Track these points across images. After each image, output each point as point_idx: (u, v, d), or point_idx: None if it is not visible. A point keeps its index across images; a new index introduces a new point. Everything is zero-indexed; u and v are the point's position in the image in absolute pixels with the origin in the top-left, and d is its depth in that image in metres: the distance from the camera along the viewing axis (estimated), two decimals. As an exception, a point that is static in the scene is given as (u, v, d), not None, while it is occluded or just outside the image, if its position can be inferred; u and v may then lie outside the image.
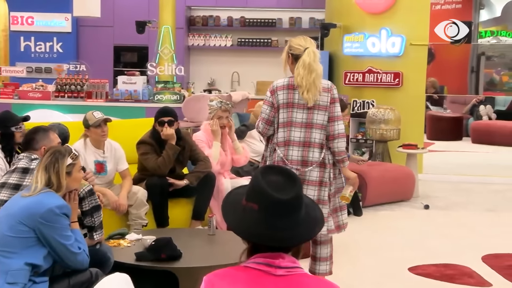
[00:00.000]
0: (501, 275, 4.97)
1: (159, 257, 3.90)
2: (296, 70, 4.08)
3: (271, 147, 4.23)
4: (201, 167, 5.55)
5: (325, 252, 4.40)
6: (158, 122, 5.48)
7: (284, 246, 1.85)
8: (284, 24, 12.83)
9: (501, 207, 7.36)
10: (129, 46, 12.79)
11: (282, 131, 4.16)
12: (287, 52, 4.18)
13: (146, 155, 5.41)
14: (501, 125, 12.80)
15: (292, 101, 4.12)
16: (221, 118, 5.88)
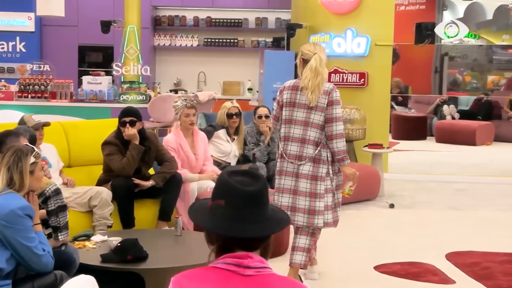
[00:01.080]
0: (464, 272, 5.05)
1: (125, 259, 3.87)
2: (304, 73, 4.45)
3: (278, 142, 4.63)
4: (167, 167, 5.53)
5: (302, 242, 4.55)
6: (120, 122, 5.44)
7: (251, 237, 1.86)
8: (250, 24, 12.84)
9: (464, 206, 7.47)
10: (94, 46, 12.65)
11: (284, 127, 4.55)
12: (300, 57, 4.55)
13: (111, 156, 5.37)
14: (464, 124, 13.01)
15: (294, 100, 4.50)
16: (188, 115, 5.89)
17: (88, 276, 3.05)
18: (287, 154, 4.51)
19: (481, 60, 13.98)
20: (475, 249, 5.67)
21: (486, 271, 5.08)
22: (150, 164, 5.62)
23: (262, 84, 9.55)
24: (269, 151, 6.77)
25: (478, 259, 5.37)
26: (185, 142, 5.94)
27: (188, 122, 5.93)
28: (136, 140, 5.39)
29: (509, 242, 5.92)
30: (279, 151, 4.60)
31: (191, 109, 5.90)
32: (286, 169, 4.54)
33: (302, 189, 4.49)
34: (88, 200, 5.10)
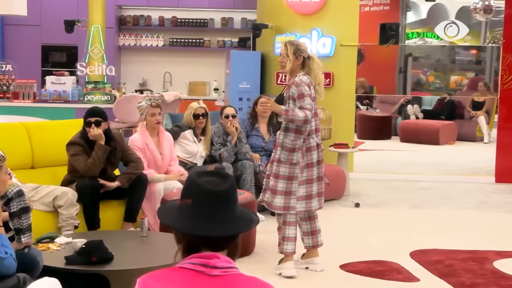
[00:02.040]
0: (428, 270, 5.12)
1: (90, 260, 3.84)
2: (313, 71, 4.88)
3: (304, 135, 4.82)
4: (132, 168, 5.50)
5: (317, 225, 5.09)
6: (85, 122, 5.39)
7: (216, 239, 1.86)
8: (216, 24, 12.82)
9: (427, 204, 7.57)
10: (58, 45, 12.49)
11: (313, 120, 4.88)
12: (296, 54, 4.84)
13: (76, 156, 5.32)
14: (428, 124, 13.18)
15: (316, 95, 4.92)
16: (154, 115, 5.88)
17: (51, 278, 3.01)
18: (320, 144, 4.93)
19: (444, 60, 14.19)
20: (439, 247, 5.75)
21: (449, 268, 5.16)
22: (116, 164, 5.58)
23: (228, 84, 9.55)
24: (236, 151, 6.76)
25: (442, 257, 5.45)
26: (151, 141, 5.92)
27: (154, 122, 5.90)
28: (101, 140, 5.34)
29: (470, 240, 6.02)
30: (314, 142, 4.85)
31: (156, 108, 5.89)
32: (318, 159, 4.92)
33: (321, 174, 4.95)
34: (53, 199, 5.04)
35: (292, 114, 4.71)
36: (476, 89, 12.99)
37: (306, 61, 4.89)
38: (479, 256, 5.49)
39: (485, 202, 7.79)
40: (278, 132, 4.93)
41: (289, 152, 4.82)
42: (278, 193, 4.85)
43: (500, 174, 8.93)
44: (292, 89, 4.84)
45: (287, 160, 4.82)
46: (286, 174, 4.83)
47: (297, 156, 4.82)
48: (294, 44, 4.93)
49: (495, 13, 11.29)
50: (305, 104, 4.73)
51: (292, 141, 4.81)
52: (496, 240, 6.02)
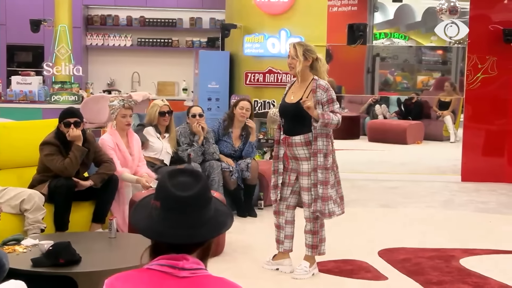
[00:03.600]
0: (396, 269, 5.17)
1: (57, 262, 3.79)
2: (322, 74, 4.87)
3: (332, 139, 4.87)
4: (106, 168, 5.46)
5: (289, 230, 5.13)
6: (63, 123, 5.34)
7: (182, 244, 1.84)
8: (184, 24, 12.78)
9: (395, 203, 7.65)
10: (24, 45, 12.33)
11: None
12: (306, 55, 4.79)
13: (50, 156, 5.26)
14: (395, 124, 13.31)
15: None
16: (125, 116, 5.85)
17: (17, 281, 2.97)
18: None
19: (411, 60, 14.35)
20: (406, 245, 5.81)
21: (417, 267, 5.21)
22: (88, 165, 5.55)
23: (197, 85, 9.52)
24: (204, 151, 6.74)
25: (409, 255, 5.51)
26: (121, 142, 5.88)
27: (124, 123, 5.87)
28: (80, 141, 5.31)
29: (437, 238, 6.10)
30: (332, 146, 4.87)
31: (128, 110, 5.86)
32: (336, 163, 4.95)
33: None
34: (20, 202, 4.97)
35: (328, 118, 4.71)
36: (443, 89, 13.16)
37: (314, 63, 4.86)
38: (445, 254, 5.56)
39: (451, 200, 7.90)
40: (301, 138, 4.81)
41: (325, 157, 4.82)
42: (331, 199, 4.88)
43: (466, 173, 9.06)
44: (319, 93, 4.78)
45: (324, 165, 4.81)
46: (323, 179, 4.81)
47: (330, 161, 4.84)
48: (303, 45, 4.87)
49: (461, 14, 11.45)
50: (336, 108, 4.78)
51: (326, 146, 4.82)
52: (462, 238, 6.11)
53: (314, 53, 4.86)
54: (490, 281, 4.90)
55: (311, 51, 4.84)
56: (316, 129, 4.76)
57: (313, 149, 4.80)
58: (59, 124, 5.38)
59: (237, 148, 7.00)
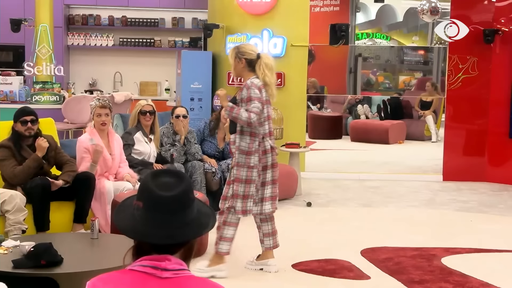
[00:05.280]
0: (378, 268, 5.19)
1: (39, 264, 3.77)
2: (261, 72, 4.78)
3: (259, 138, 4.82)
4: (70, 167, 5.46)
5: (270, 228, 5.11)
6: (20, 121, 5.30)
7: (164, 244, 1.84)
8: (167, 24, 12.75)
9: (377, 203, 7.68)
10: (4, 45, 12.21)
11: (266, 123, 4.86)
12: (238, 57, 4.81)
13: (2, 161, 5.21)
14: (377, 123, 13.38)
15: (267, 98, 4.86)
16: (100, 115, 5.82)
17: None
18: (274, 147, 4.92)
19: (393, 61, 14.43)
20: (388, 244, 5.84)
21: (399, 266, 5.24)
22: (51, 162, 5.50)
23: (179, 85, 9.50)
24: (185, 151, 6.73)
25: (391, 255, 5.54)
26: (100, 142, 5.84)
27: (99, 122, 5.84)
28: (42, 153, 5.26)
29: (419, 237, 6.14)
30: (268, 145, 4.83)
31: (103, 109, 5.81)
32: (273, 162, 4.91)
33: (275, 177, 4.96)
34: (1, 203, 4.93)
35: (236, 112, 4.71)
36: (424, 89, 13.25)
37: (253, 63, 4.81)
38: (427, 253, 5.60)
39: (433, 200, 7.95)
40: (233, 136, 4.89)
41: (246, 155, 4.81)
42: (239, 197, 4.84)
43: (447, 172, 9.13)
44: (243, 91, 4.81)
45: (245, 164, 4.80)
46: (243, 177, 4.81)
47: (254, 159, 4.81)
48: (236, 48, 4.88)
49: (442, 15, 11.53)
50: (251, 108, 4.71)
51: (248, 144, 4.80)
52: (444, 237, 6.16)
53: (249, 53, 4.81)
54: (472, 279, 4.94)
55: (243, 52, 4.81)
56: (238, 127, 4.82)
57: (235, 147, 4.87)
58: (15, 124, 5.35)
59: (221, 149, 7.00)
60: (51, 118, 6.30)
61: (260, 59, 4.80)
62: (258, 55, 4.82)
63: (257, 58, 4.80)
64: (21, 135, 5.31)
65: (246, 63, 4.80)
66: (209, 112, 8.91)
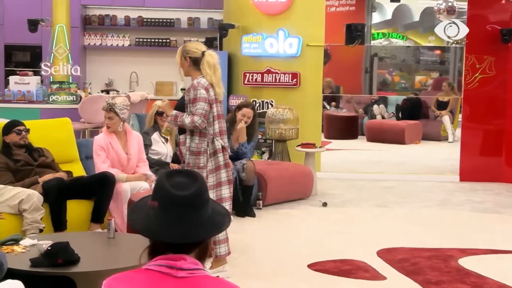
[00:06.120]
0: (394, 269, 5.17)
1: (56, 263, 3.79)
2: (203, 71, 4.70)
3: (208, 138, 4.76)
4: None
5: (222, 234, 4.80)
6: (15, 131, 5.44)
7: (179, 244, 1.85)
8: (182, 24, 12.78)
9: (393, 203, 7.65)
10: (21, 45, 12.32)
11: (217, 123, 4.80)
12: (183, 56, 4.75)
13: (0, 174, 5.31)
14: (393, 123, 13.32)
15: (216, 96, 4.79)
16: (105, 118, 5.87)
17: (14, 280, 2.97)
18: (226, 146, 4.86)
19: (409, 60, 14.36)
20: (404, 245, 5.81)
21: (415, 266, 5.22)
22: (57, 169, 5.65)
23: (195, 84, 9.50)
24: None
25: (407, 255, 5.51)
26: (116, 141, 5.87)
27: (106, 124, 5.89)
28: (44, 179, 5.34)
29: (435, 238, 6.10)
30: (219, 145, 4.78)
31: (107, 112, 5.84)
32: (225, 161, 4.85)
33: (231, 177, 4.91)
34: (18, 203, 4.98)
35: (180, 120, 4.71)
36: (441, 89, 13.17)
37: (198, 61, 4.72)
38: (443, 254, 5.57)
39: (448, 200, 7.90)
40: (182, 137, 4.86)
41: (195, 156, 4.76)
42: None
43: (464, 172, 9.07)
44: (190, 92, 4.73)
45: (195, 165, 4.75)
46: None
47: (203, 160, 4.74)
48: (182, 46, 4.82)
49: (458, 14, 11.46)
50: (195, 109, 4.65)
51: (197, 145, 4.74)
52: (460, 238, 6.12)
53: (193, 52, 4.73)
54: (489, 280, 4.91)
55: (187, 51, 4.74)
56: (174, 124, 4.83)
57: (185, 147, 4.83)
58: (6, 136, 5.46)
59: (235, 149, 7.01)
60: (68, 118, 6.33)
61: (203, 57, 4.70)
62: (203, 53, 4.71)
63: (202, 56, 4.71)
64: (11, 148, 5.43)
65: (191, 62, 4.74)
66: (224, 112, 8.90)
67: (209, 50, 4.75)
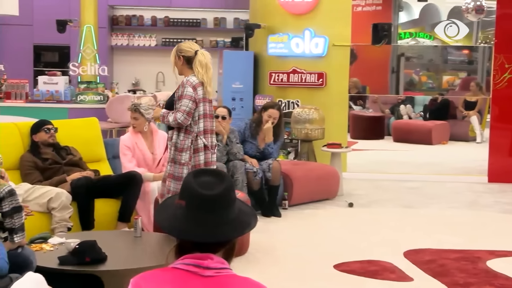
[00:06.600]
0: (421, 270, 5.13)
1: (83, 261, 3.83)
2: (195, 70, 4.78)
3: (192, 136, 4.80)
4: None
5: None
6: (44, 130, 5.52)
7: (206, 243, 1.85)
8: (208, 24, 12.82)
9: (420, 204, 7.58)
10: (50, 45, 12.47)
11: (202, 121, 4.83)
12: (177, 55, 4.86)
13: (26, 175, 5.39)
14: (420, 124, 13.21)
15: (204, 95, 4.84)
16: (131, 118, 5.92)
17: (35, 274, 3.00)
18: (211, 145, 4.90)
19: (436, 60, 14.23)
20: (431, 246, 5.76)
21: (442, 268, 5.17)
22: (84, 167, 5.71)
23: (221, 84, 9.54)
24: (227, 151, 6.76)
25: (434, 257, 5.46)
26: (142, 141, 5.91)
27: (131, 123, 5.97)
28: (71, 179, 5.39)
29: (461, 239, 6.04)
30: (202, 144, 4.82)
31: (131, 113, 5.91)
32: (211, 160, 4.91)
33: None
34: (47, 201, 5.04)
35: (166, 120, 4.83)
36: (468, 89, 13.03)
37: (191, 60, 4.81)
38: (471, 255, 5.51)
39: (476, 201, 7.81)
40: (170, 132, 4.94)
41: (178, 152, 4.84)
42: (172, 193, 4.78)
43: (493, 173, 8.96)
44: (179, 89, 4.86)
45: (177, 160, 4.84)
46: (175, 174, 4.85)
47: (185, 157, 4.82)
48: (176, 46, 4.93)
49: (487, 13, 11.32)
50: (179, 106, 4.75)
51: (181, 141, 4.83)
52: (488, 240, 6.04)
53: (186, 51, 4.83)
54: (517, 283, 4.84)
55: (181, 50, 4.84)
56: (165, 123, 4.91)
57: (171, 143, 4.90)
58: (35, 135, 5.53)
59: (262, 149, 7.01)
60: (95, 118, 6.39)
61: (196, 56, 4.78)
62: (196, 52, 4.79)
63: (195, 55, 4.79)
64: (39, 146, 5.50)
65: (184, 61, 4.83)
66: (250, 112, 8.93)
67: (202, 49, 4.84)
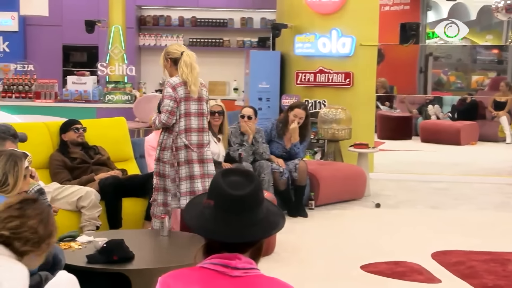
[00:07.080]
0: (449, 271, 5.07)
1: (111, 259, 3.85)
2: (180, 70, 4.89)
3: (173, 135, 4.91)
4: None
5: None
6: (72, 129, 5.61)
7: (234, 243, 1.85)
8: (235, 24, 12.84)
9: (447, 205, 7.51)
10: (79, 45, 12.59)
11: (183, 120, 4.92)
12: (165, 58, 5.00)
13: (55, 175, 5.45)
14: (448, 124, 13.08)
15: (187, 95, 4.90)
16: None
17: (69, 274, 3.03)
18: (191, 144, 4.93)
19: (465, 60, 14.08)
20: (459, 248, 5.70)
21: (471, 270, 5.11)
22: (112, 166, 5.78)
23: (247, 84, 9.55)
24: (254, 150, 6.76)
25: (463, 258, 5.40)
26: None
27: None
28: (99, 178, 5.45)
29: (490, 240, 5.96)
30: (181, 142, 4.90)
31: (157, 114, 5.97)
32: (187, 158, 4.91)
33: (211, 172, 4.99)
34: (77, 200, 5.10)
35: (155, 126, 5.01)
36: (498, 89, 12.87)
37: (177, 61, 4.94)
38: (501, 257, 5.44)
39: (507, 203, 7.71)
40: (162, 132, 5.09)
41: (161, 150, 4.99)
42: (159, 190, 5.00)
43: (522, 174, 8.84)
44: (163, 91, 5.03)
45: (160, 158, 4.99)
46: (160, 171, 4.98)
47: (167, 155, 4.94)
48: (165, 49, 5.07)
49: (517, 12, 11.17)
50: (162, 107, 4.91)
51: (164, 140, 4.97)
52: (518, 242, 5.96)
53: (173, 53, 4.98)
54: (548, 286, 4.77)
55: (168, 52, 5.00)
56: None
57: (157, 142, 5.06)
58: (64, 134, 5.60)
59: (288, 149, 7.00)
60: (123, 117, 6.44)
61: (181, 57, 4.92)
62: (182, 53, 4.93)
63: (181, 56, 4.93)
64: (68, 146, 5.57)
65: (171, 62, 4.97)
66: (276, 111, 8.92)
67: (187, 50, 4.97)
